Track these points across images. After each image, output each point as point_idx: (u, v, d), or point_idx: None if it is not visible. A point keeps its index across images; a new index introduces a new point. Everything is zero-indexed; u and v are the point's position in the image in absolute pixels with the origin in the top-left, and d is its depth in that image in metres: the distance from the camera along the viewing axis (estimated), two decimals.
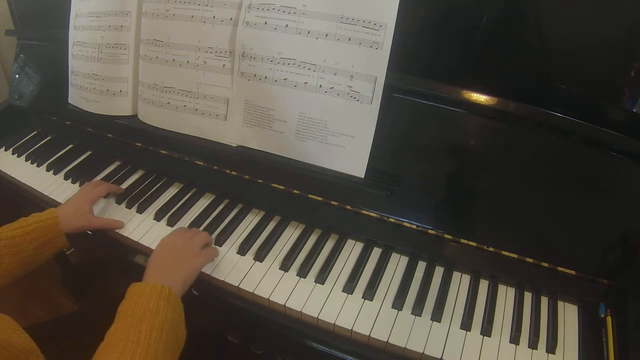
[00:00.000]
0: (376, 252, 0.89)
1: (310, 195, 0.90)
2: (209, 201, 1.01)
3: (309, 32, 0.84)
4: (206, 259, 0.82)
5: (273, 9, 0.85)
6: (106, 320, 0.67)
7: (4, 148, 1.24)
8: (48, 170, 1.14)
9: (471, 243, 0.81)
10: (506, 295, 0.82)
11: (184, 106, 0.97)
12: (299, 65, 0.85)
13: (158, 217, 0.96)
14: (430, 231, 0.83)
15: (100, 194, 0.98)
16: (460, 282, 0.84)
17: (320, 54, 0.84)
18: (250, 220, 0.96)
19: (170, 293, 0.69)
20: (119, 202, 1.01)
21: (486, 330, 0.75)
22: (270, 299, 0.80)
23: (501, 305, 0.80)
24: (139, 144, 1.07)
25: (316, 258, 0.87)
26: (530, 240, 0.79)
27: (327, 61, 0.83)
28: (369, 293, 0.80)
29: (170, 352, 0.64)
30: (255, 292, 0.81)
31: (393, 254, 0.89)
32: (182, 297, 0.74)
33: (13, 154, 1.22)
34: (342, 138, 0.85)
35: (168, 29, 0.95)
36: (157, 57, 0.98)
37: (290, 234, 0.93)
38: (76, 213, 0.91)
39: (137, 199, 1.01)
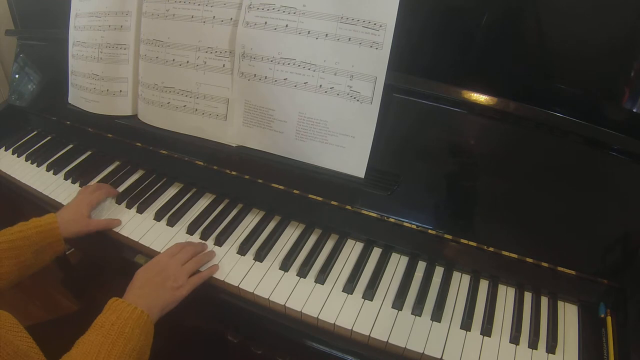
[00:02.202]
0: (376, 252, 0.89)
1: (310, 195, 0.89)
2: (209, 201, 1.01)
3: (309, 32, 0.84)
4: (189, 290, 0.80)
5: (273, 9, 0.85)
6: None
7: (4, 148, 1.24)
8: (48, 170, 1.14)
9: (471, 243, 0.81)
10: (506, 295, 0.82)
11: (184, 106, 0.97)
12: (298, 65, 0.85)
13: (158, 217, 0.96)
14: (430, 231, 0.83)
15: (99, 199, 0.98)
16: (460, 282, 0.84)
17: (320, 54, 0.84)
18: (250, 220, 0.96)
19: (146, 320, 0.71)
20: (119, 202, 1.01)
21: (486, 330, 0.75)
22: (270, 299, 0.80)
23: (501, 305, 0.80)
24: (139, 144, 1.07)
25: (316, 258, 0.87)
26: (530, 240, 0.79)
27: (327, 61, 0.83)
28: (369, 293, 0.80)
29: None
30: (255, 292, 0.81)
31: (393, 254, 0.89)
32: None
33: (13, 154, 1.22)
34: (342, 138, 0.85)
35: (168, 29, 0.95)
36: (157, 57, 0.98)
37: (290, 234, 0.93)
38: (75, 218, 0.92)
39: (137, 199, 1.01)
